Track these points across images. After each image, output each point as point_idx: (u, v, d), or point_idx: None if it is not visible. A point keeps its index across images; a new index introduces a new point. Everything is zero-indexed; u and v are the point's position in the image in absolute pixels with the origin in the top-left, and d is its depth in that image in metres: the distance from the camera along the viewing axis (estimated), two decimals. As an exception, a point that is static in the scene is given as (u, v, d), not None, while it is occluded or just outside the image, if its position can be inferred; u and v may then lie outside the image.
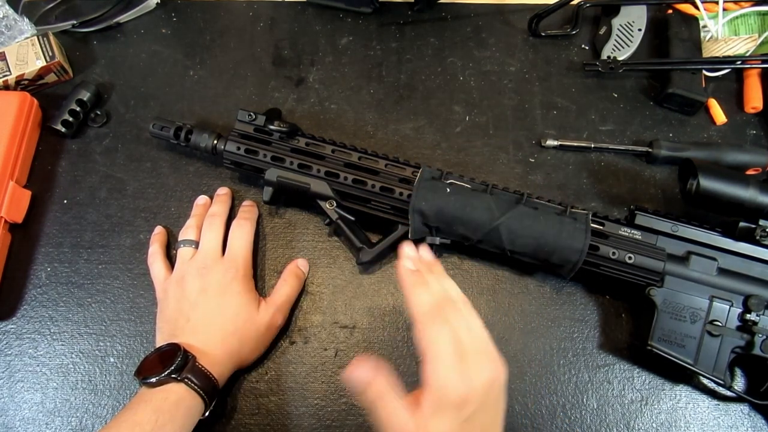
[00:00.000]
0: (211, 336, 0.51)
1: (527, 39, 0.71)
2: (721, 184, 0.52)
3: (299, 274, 0.58)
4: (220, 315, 0.51)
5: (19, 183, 0.60)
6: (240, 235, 0.56)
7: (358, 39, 0.70)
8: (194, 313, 0.51)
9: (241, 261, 0.55)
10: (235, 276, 0.53)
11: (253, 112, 0.57)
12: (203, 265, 0.53)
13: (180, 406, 0.46)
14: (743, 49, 0.68)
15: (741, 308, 0.53)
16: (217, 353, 0.50)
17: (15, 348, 0.56)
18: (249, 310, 0.53)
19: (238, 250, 0.55)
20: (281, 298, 0.55)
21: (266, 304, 0.54)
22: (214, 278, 0.53)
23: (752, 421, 0.55)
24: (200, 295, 0.52)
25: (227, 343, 0.51)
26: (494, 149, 0.65)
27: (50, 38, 0.65)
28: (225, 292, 0.52)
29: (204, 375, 0.48)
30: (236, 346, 0.52)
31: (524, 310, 0.58)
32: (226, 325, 0.51)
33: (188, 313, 0.51)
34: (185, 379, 0.47)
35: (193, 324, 0.51)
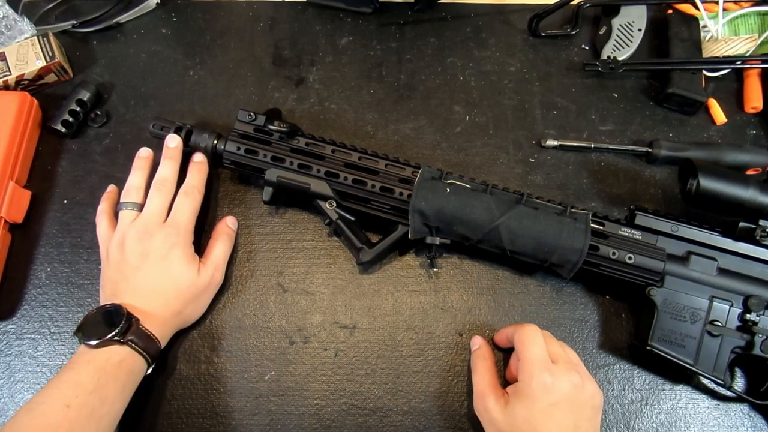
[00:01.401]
0: (154, 299, 0.51)
1: (527, 39, 0.71)
2: (721, 184, 0.52)
3: (230, 232, 0.59)
4: (161, 280, 0.52)
5: (19, 183, 0.60)
6: (185, 203, 0.55)
7: (358, 39, 0.70)
8: (135, 277, 0.52)
9: (183, 228, 0.54)
10: (176, 242, 0.53)
11: (253, 112, 0.57)
12: (145, 230, 0.53)
13: (122, 367, 0.47)
14: (743, 49, 0.68)
15: (741, 308, 0.53)
16: (160, 316, 0.51)
17: (15, 348, 0.56)
18: (190, 274, 0.53)
19: (181, 217, 0.54)
20: (218, 258, 0.56)
21: (205, 265, 0.55)
22: (155, 244, 0.52)
23: (752, 421, 0.55)
24: (141, 260, 0.52)
25: (170, 306, 0.52)
26: (494, 149, 0.65)
27: (50, 38, 0.65)
28: (166, 257, 0.52)
29: (147, 337, 0.49)
30: (179, 308, 0.53)
31: (524, 310, 0.58)
32: (168, 290, 0.52)
33: (129, 276, 0.52)
34: (129, 341, 0.48)
35: (134, 287, 0.52)
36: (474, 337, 0.56)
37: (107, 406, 0.46)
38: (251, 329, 0.57)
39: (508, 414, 0.47)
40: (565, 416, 0.46)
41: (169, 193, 0.55)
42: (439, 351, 0.57)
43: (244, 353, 0.56)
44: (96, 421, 0.45)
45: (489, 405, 0.49)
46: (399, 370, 0.56)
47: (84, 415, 0.44)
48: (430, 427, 0.54)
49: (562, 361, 0.49)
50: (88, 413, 0.44)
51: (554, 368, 0.48)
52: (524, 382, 0.48)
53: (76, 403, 0.44)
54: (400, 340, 0.57)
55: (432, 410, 0.55)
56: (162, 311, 0.52)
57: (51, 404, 0.44)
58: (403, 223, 0.55)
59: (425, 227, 0.55)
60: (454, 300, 0.59)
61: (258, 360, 0.56)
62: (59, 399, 0.44)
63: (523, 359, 0.49)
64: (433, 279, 0.59)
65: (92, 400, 0.45)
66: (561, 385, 0.47)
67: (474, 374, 0.53)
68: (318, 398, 0.55)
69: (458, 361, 0.56)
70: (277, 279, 0.59)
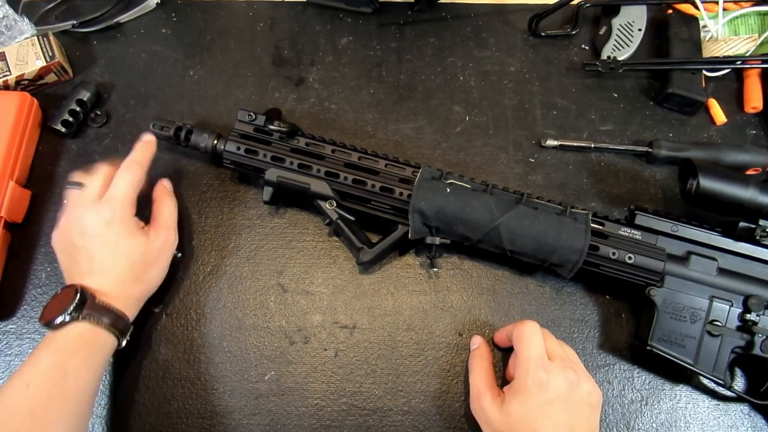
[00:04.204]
0: (108, 276, 0.51)
1: (527, 39, 0.71)
2: (721, 184, 0.52)
3: (169, 191, 0.59)
4: (108, 255, 0.51)
5: (19, 183, 0.60)
6: (122, 176, 0.54)
7: (358, 39, 0.70)
8: (81, 257, 0.51)
9: (119, 201, 0.52)
10: (112, 218, 0.51)
11: (253, 112, 0.57)
12: (79, 208, 0.52)
13: (83, 341, 0.47)
14: (743, 49, 0.68)
15: (741, 308, 0.53)
16: (118, 290, 0.51)
17: (15, 348, 0.56)
18: (138, 244, 0.52)
19: (116, 191, 0.53)
20: (167, 218, 0.56)
21: (155, 229, 0.54)
22: (90, 221, 0.51)
23: (752, 421, 0.55)
24: (82, 238, 0.51)
25: (126, 278, 0.51)
26: (494, 149, 0.65)
27: (50, 38, 0.65)
28: (104, 233, 0.51)
29: (106, 309, 0.49)
30: (135, 277, 0.52)
31: (524, 310, 0.58)
32: (119, 263, 0.51)
33: (76, 257, 0.51)
34: (87, 316, 0.47)
35: (85, 267, 0.51)
36: (474, 337, 0.56)
37: (70, 380, 0.46)
38: (251, 329, 0.57)
39: (504, 413, 0.47)
40: (560, 414, 0.46)
41: (106, 171, 0.55)
42: (439, 351, 0.57)
43: (244, 353, 0.56)
44: (59, 397, 0.45)
45: (485, 405, 0.49)
46: (399, 370, 0.56)
47: (45, 392, 0.44)
48: (430, 427, 0.54)
49: (558, 358, 0.49)
50: (48, 390, 0.45)
51: (550, 365, 0.48)
52: (520, 378, 0.48)
53: (36, 381, 0.45)
54: (400, 340, 0.57)
55: (432, 410, 0.55)
56: (119, 284, 0.51)
57: (11, 387, 0.45)
58: (403, 223, 0.55)
59: (425, 227, 0.55)
60: (454, 300, 0.59)
61: (258, 360, 0.56)
62: (19, 380, 0.45)
63: (520, 356, 0.49)
64: (433, 279, 0.59)
65: (54, 377, 0.45)
66: (556, 383, 0.47)
67: (471, 374, 0.53)
68: (318, 398, 0.55)
69: (458, 361, 0.56)
70: (277, 279, 0.59)
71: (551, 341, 0.51)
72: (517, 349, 0.50)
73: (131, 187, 0.54)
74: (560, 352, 0.50)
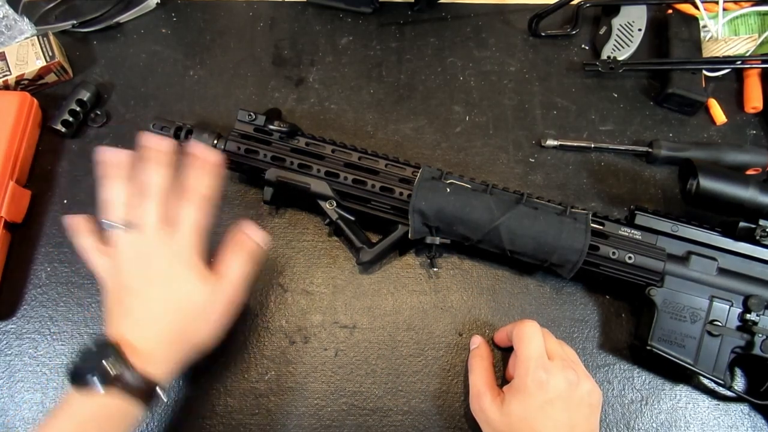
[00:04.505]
0: (155, 329, 0.45)
1: (527, 39, 0.71)
2: (721, 184, 0.52)
3: (247, 241, 0.50)
4: (165, 306, 0.45)
5: (19, 183, 0.60)
6: (188, 213, 0.47)
7: (358, 39, 0.70)
8: (134, 304, 0.45)
9: (187, 243, 0.46)
10: (179, 261, 0.46)
11: (253, 112, 0.57)
12: (143, 249, 0.46)
13: (107, 412, 0.42)
14: (743, 49, 0.68)
15: (741, 308, 0.53)
16: (158, 351, 0.45)
17: (15, 348, 0.56)
18: (198, 294, 0.46)
19: (185, 229, 0.46)
20: (238, 273, 0.48)
21: (220, 281, 0.47)
22: (157, 265, 0.45)
23: (752, 421, 0.55)
24: (142, 284, 0.45)
25: (173, 335, 0.46)
26: (494, 149, 0.65)
27: (50, 38, 0.65)
28: (170, 279, 0.46)
29: (139, 378, 0.43)
30: (186, 337, 0.46)
31: (524, 310, 0.58)
32: (173, 316, 0.45)
33: (128, 304, 0.45)
34: (115, 382, 0.42)
35: (134, 316, 0.45)
36: (474, 337, 0.56)
37: None
38: (251, 329, 0.57)
39: (504, 413, 0.47)
40: (560, 413, 0.46)
41: (160, 197, 0.47)
42: (439, 351, 0.57)
43: (244, 353, 0.56)
44: None
45: (485, 405, 0.49)
46: (399, 370, 0.56)
47: None
48: (430, 427, 0.54)
49: (558, 358, 0.49)
50: None
51: (550, 365, 0.48)
52: (520, 378, 0.48)
53: None
54: (400, 340, 0.57)
55: (432, 410, 0.55)
56: (164, 344, 0.45)
57: None
58: (403, 223, 0.55)
59: (425, 227, 0.55)
60: (454, 300, 0.59)
61: (258, 360, 0.56)
62: None
63: (519, 356, 0.49)
64: (433, 279, 0.59)
65: None
66: (556, 382, 0.47)
67: (471, 374, 0.53)
68: (318, 398, 0.55)
69: (458, 361, 0.56)
70: (277, 279, 0.59)
71: (551, 341, 0.51)
72: (516, 349, 0.50)
73: (199, 225, 0.47)
74: (560, 352, 0.50)
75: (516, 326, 0.51)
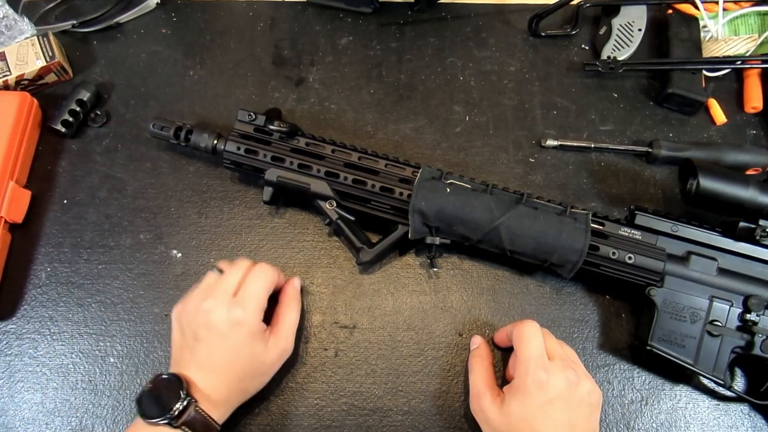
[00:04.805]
0: (218, 377, 0.48)
1: (527, 39, 0.71)
2: (721, 184, 0.52)
3: (297, 296, 0.56)
4: (226, 357, 0.49)
5: (19, 183, 0.60)
6: (259, 277, 0.51)
7: (358, 39, 0.70)
8: (197, 348, 0.49)
9: (251, 305, 0.50)
10: (241, 321, 0.49)
11: (253, 112, 0.57)
12: (215, 301, 0.49)
13: None
14: (743, 49, 0.68)
15: (741, 308, 0.53)
16: (221, 397, 0.48)
17: (15, 348, 0.56)
18: (259, 352, 0.50)
19: (251, 292, 0.50)
20: (288, 327, 0.53)
21: (274, 336, 0.51)
22: (219, 318, 0.48)
23: (752, 421, 0.55)
24: (204, 331, 0.49)
25: (234, 387, 0.49)
26: (494, 149, 0.65)
27: (50, 38, 0.65)
28: (228, 334, 0.49)
29: (203, 422, 0.46)
30: (244, 386, 0.51)
31: (524, 310, 0.58)
32: (233, 369, 0.49)
33: (193, 347, 0.49)
34: (182, 425, 0.45)
35: (198, 359, 0.49)
36: (474, 337, 0.56)
37: None
38: (251, 329, 0.57)
39: (504, 413, 0.47)
40: (560, 413, 0.46)
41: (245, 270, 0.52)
42: (439, 351, 0.57)
43: (244, 353, 0.56)
44: None
45: (485, 405, 0.49)
46: (399, 370, 0.56)
47: None
48: (430, 427, 0.54)
49: (558, 358, 0.49)
50: None
51: (550, 365, 0.48)
52: (520, 378, 0.48)
53: None
54: (400, 340, 0.57)
55: (432, 410, 0.55)
56: (226, 391, 0.49)
57: None
58: (403, 223, 0.55)
59: (425, 227, 0.55)
60: (454, 300, 0.59)
61: (258, 360, 0.56)
62: None
63: (519, 356, 0.49)
64: (433, 279, 0.59)
65: None
66: (556, 382, 0.47)
67: (471, 374, 0.53)
68: (318, 398, 0.55)
69: (458, 361, 0.56)
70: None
71: (551, 341, 0.51)
72: (516, 349, 0.50)
73: (265, 291, 0.51)
74: (560, 352, 0.50)
75: (516, 326, 0.51)
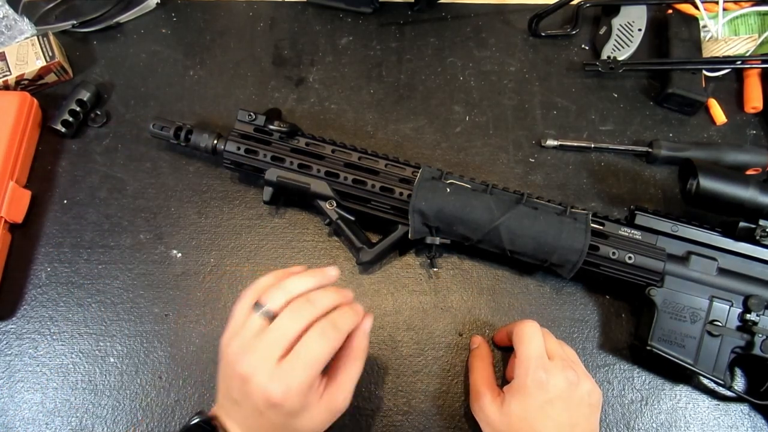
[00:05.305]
0: None
1: (527, 39, 0.71)
2: (721, 184, 0.52)
3: (366, 345, 0.45)
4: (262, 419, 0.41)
5: (19, 183, 0.60)
6: (317, 343, 0.40)
7: (358, 39, 0.70)
8: (237, 411, 0.42)
9: (299, 379, 0.39)
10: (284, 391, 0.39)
11: (253, 112, 0.57)
12: (252, 364, 0.40)
13: None
14: (743, 49, 0.68)
15: (741, 308, 0.53)
16: None
17: (15, 348, 0.56)
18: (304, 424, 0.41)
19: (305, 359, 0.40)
20: (349, 382, 0.43)
21: (329, 392, 0.42)
22: (255, 391, 0.39)
23: (752, 421, 0.55)
24: (241, 397, 0.41)
25: None
26: (494, 149, 0.65)
27: (50, 38, 0.65)
28: (266, 414, 0.40)
29: None
30: None
31: (524, 310, 0.58)
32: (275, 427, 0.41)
33: (231, 404, 0.42)
34: None
35: (236, 420, 0.42)
36: (474, 337, 0.56)
37: None
38: (251, 329, 0.57)
39: (503, 413, 0.47)
40: (560, 413, 0.46)
41: (308, 319, 0.41)
42: (439, 351, 0.57)
43: (244, 353, 0.56)
44: None
45: (485, 404, 0.49)
46: (399, 370, 0.56)
47: None
48: (430, 427, 0.54)
49: (558, 358, 0.49)
50: None
51: (550, 365, 0.48)
52: (520, 378, 0.48)
53: None
54: (400, 340, 0.57)
55: (432, 410, 0.55)
56: None
57: None
58: (403, 223, 0.55)
59: (425, 227, 0.55)
60: (454, 300, 0.59)
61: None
62: None
63: (519, 356, 0.49)
64: (433, 279, 0.59)
65: None
66: (556, 382, 0.47)
67: (471, 374, 0.53)
68: (318, 398, 0.55)
69: (458, 361, 0.56)
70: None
71: (551, 341, 0.51)
72: (516, 349, 0.50)
73: (320, 365, 0.40)
74: (560, 352, 0.50)
75: (516, 326, 0.51)
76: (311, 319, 0.41)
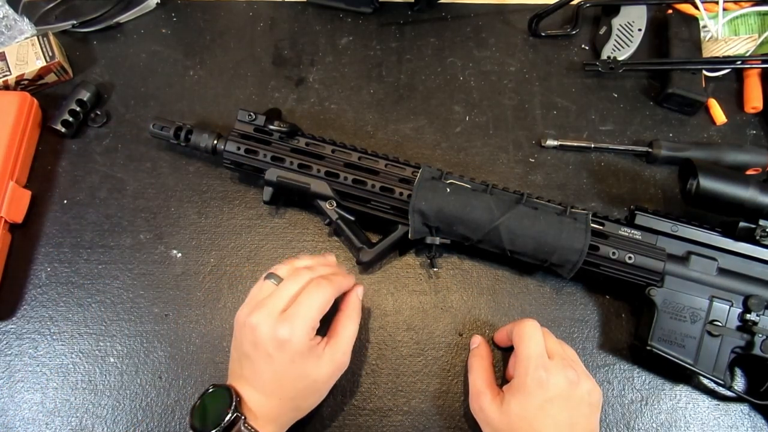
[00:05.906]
0: (266, 396, 0.47)
1: (527, 39, 0.71)
2: (721, 184, 0.52)
3: (359, 307, 0.53)
4: (273, 379, 0.46)
5: (19, 183, 0.60)
6: (313, 295, 0.47)
7: (358, 39, 0.70)
8: (248, 366, 0.47)
9: (299, 324, 0.46)
10: (286, 341, 0.45)
11: (253, 112, 0.57)
12: (262, 316, 0.46)
13: None
14: (743, 49, 0.68)
15: (741, 308, 0.53)
16: (271, 415, 0.47)
17: (15, 348, 0.56)
18: (310, 370, 0.47)
19: (301, 310, 0.46)
20: (346, 339, 0.50)
21: (330, 348, 0.48)
22: (265, 336, 0.45)
23: (752, 421, 0.55)
24: (252, 349, 0.46)
25: (284, 405, 0.47)
26: (494, 149, 0.65)
27: (50, 38, 0.65)
28: (275, 356, 0.46)
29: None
30: (294, 405, 0.48)
31: (524, 310, 0.58)
32: (283, 389, 0.47)
33: (243, 362, 0.47)
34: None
35: (247, 377, 0.47)
36: (474, 337, 0.56)
37: None
38: (251, 329, 0.57)
39: (503, 412, 0.47)
40: (560, 412, 0.46)
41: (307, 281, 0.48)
42: (439, 351, 0.57)
43: (244, 353, 0.56)
44: None
45: (484, 404, 0.49)
46: (399, 370, 0.56)
47: None
48: (430, 427, 0.54)
49: (558, 357, 0.49)
50: None
51: (550, 364, 0.48)
52: (519, 377, 0.48)
53: None
54: (400, 340, 0.57)
55: (432, 410, 0.55)
56: (276, 408, 0.47)
57: None
58: (403, 223, 0.55)
59: (425, 227, 0.55)
60: (454, 300, 0.59)
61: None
62: None
63: (519, 355, 0.49)
64: (433, 279, 0.59)
65: None
66: (556, 381, 0.47)
67: (470, 373, 0.53)
68: (318, 398, 0.55)
69: (458, 361, 0.56)
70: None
71: (551, 340, 0.51)
72: (516, 348, 0.50)
73: (319, 309, 0.47)
74: (560, 351, 0.50)
75: (516, 325, 0.51)
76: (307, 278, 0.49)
